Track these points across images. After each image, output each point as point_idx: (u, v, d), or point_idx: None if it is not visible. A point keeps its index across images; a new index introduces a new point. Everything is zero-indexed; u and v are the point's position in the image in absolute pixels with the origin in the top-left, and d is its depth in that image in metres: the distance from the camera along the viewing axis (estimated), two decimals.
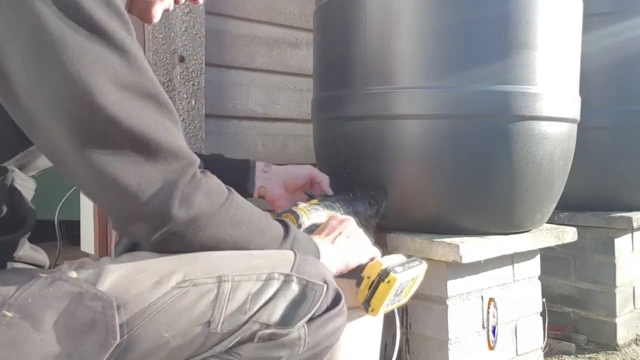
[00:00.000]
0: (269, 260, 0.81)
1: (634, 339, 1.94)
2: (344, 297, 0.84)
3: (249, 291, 0.77)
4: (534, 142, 1.28)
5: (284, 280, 0.79)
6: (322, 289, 0.81)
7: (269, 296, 0.78)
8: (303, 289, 0.79)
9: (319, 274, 0.82)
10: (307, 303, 0.79)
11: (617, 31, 1.86)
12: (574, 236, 1.49)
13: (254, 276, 0.78)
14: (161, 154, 0.72)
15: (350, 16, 1.35)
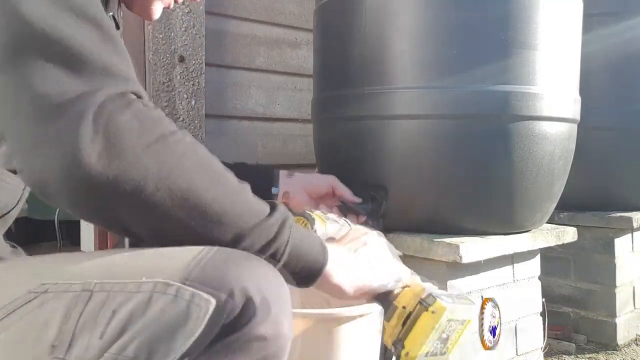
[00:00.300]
0: (160, 261, 0.61)
1: (634, 339, 1.94)
2: (268, 310, 0.59)
3: (112, 307, 0.58)
4: (534, 142, 1.28)
5: (161, 292, 0.58)
6: (208, 305, 0.56)
7: (136, 316, 0.57)
8: (187, 305, 0.56)
9: (224, 279, 0.58)
10: (188, 327, 0.56)
11: (617, 31, 1.86)
12: (574, 236, 1.49)
13: (128, 285, 0.59)
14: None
15: (350, 16, 1.35)
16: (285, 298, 0.62)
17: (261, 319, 0.58)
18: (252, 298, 0.58)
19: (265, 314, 0.58)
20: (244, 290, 0.57)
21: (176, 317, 0.56)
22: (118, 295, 0.58)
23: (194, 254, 0.60)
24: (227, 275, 0.58)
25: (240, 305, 0.57)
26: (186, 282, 0.57)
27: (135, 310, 0.57)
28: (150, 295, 0.57)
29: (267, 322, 0.58)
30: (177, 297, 0.57)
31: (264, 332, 0.58)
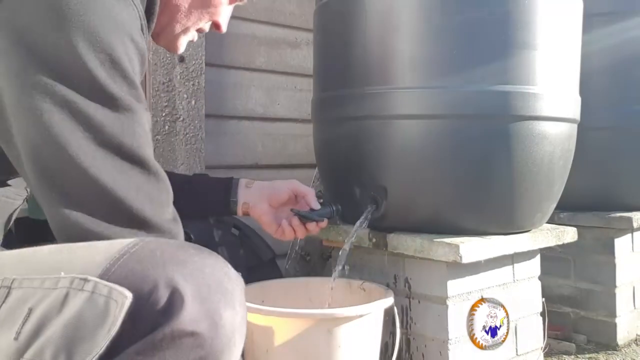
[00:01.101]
0: (81, 255, 0.60)
1: (634, 339, 1.94)
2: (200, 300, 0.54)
3: (28, 305, 0.55)
4: (534, 142, 1.28)
5: (77, 288, 0.55)
6: (124, 300, 0.52)
7: (52, 315, 0.54)
8: (105, 301, 0.53)
9: (148, 272, 0.54)
10: (106, 325, 0.52)
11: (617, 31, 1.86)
12: (574, 236, 1.49)
13: (45, 281, 0.57)
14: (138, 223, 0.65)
15: (350, 16, 1.35)
16: (230, 289, 0.57)
17: (192, 312, 0.53)
18: (179, 289, 0.53)
19: (197, 307, 0.53)
20: (170, 282, 0.54)
21: (93, 315, 0.53)
22: (36, 292, 0.56)
23: (123, 245, 0.58)
24: (152, 267, 0.55)
25: (164, 298, 0.53)
26: (104, 277, 0.54)
27: (51, 309, 0.54)
28: (67, 292, 0.55)
29: (200, 316, 0.53)
30: (93, 294, 0.54)
31: (195, 328, 0.53)
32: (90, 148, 0.62)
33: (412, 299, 1.33)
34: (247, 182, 1.23)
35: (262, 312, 1.07)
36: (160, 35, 0.92)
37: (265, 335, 1.08)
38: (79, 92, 0.62)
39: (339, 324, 1.07)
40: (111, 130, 0.63)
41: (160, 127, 1.68)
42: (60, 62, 0.62)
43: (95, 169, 0.62)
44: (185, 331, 0.52)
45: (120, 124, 0.64)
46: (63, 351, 0.52)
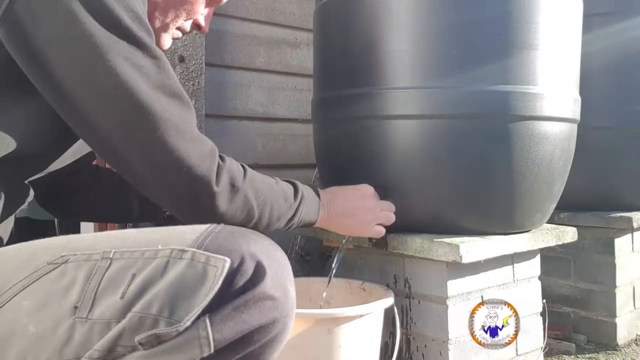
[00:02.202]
0: (171, 234, 0.69)
1: (634, 339, 1.94)
2: (276, 274, 0.66)
3: (132, 271, 0.64)
4: (534, 142, 1.28)
5: (177, 257, 0.64)
6: (224, 264, 0.63)
7: (155, 278, 0.63)
8: (203, 267, 0.63)
9: (234, 247, 0.65)
10: (206, 286, 0.62)
11: (617, 31, 1.86)
12: (574, 236, 1.49)
13: (145, 252, 0.65)
14: (194, 139, 0.80)
15: (350, 16, 1.35)
16: (288, 269, 0.70)
17: (271, 281, 0.64)
18: (262, 263, 0.65)
19: (274, 277, 0.65)
20: (254, 256, 0.65)
21: (194, 277, 0.62)
22: (137, 261, 0.65)
23: (204, 228, 0.68)
24: (236, 244, 0.66)
25: (252, 268, 0.64)
26: (200, 249, 0.64)
27: (154, 274, 0.63)
28: (168, 260, 0.64)
29: (276, 285, 0.65)
30: (192, 261, 0.63)
31: (274, 293, 0.64)
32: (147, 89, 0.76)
33: (412, 299, 1.33)
34: None
35: None
36: None
37: None
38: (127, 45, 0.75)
39: (339, 324, 1.07)
40: (156, 75, 0.77)
41: None
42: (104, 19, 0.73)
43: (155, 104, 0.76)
44: (267, 294, 0.64)
45: (159, 68, 0.78)
46: (167, 306, 0.61)
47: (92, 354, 0.62)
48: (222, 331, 0.61)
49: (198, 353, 0.60)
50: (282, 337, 0.68)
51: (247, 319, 0.62)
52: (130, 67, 0.74)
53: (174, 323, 0.60)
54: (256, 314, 0.63)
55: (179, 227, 0.72)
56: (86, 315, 0.63)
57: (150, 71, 0.77)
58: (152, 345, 0.61)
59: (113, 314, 0.62)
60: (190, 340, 0.60)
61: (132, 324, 0.61)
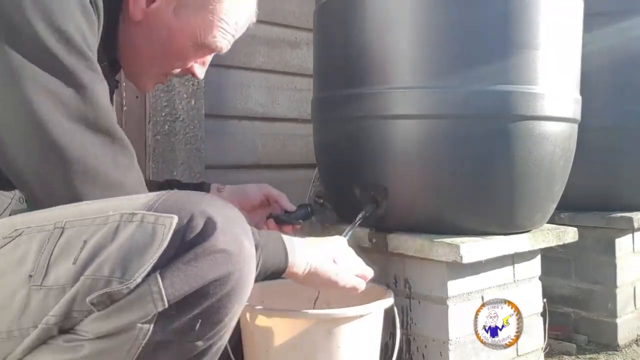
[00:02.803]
0: (123, 201, 0.70)
1: (634, 340, 1.93)
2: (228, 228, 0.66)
3: (83, 238, 0.65)
4: (534, 142, 1.28)
5: (127, 221, 0.65)
6: (171, 221, 0.64)
7: (106, 242, 0.64)
8: (153, 227, 0.64)
9: (185, 206, 0.66)
10: (155, 244, 0.63)
11: (617, 31, 1.86)
12: (574, 236, 1.49)
13: (96, 219, 0.66)
14: (107, 186, 0.74)
15: (349, 16, 1.35)
16: (244, 225, 0.70)
17: (222, 235, 0.65)
18: (212, 218, 0.65)
19: (226, 232, 0.65)
20: (204, 213, 0.65)
21: (143, 237, 0.63)
22: (88, 228, 0.66)
23: (156, 193, 0.69)
24: (187, 203, 0.66)
25: (202, 224, 0.64)
26: (149, 211, 0.65)
27: (105, 238, 0.64)
28: (118, 224, 0.65)
29: (228, 239, 0.65)
30: (142, 222, 0.64)
31: (226, 247, 0.65)
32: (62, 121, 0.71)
33: (412, 299, 1.32)
34: (219, 187, 1.22)
35: (262, 312, 1.07)
36: (126, 72, 0.97)
37: (265, 335, 1.08)
38: (47, 71, 0.70)
39: (339, 324, 1.07)
40: (78, 106, 0.72)
41: (160, 127, 1.67)
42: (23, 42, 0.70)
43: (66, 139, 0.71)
44: (218, 248, 0.64)
45: (84, 99, 0.72)
46: (119, 267, 0.62)
47: (48, 319, 0.63)
48: (174, 285, 0.62)
49: (152, 308, 0.62)
50: (241, 291, 0.67)
51: (199, 273, 0.63)
52: (45, 96, 0.70)
53: (125, 282, 0.61)
54: (209, 267, 0.63)
55: (130, 195, 0.72)
56: (40, 283, 0.64)
57: (70, 101, 0.71)
58: (105, 306, 0.62)
59: (67, 280, 0.63)
60: (142, 296, 0.61)
61: (84, 287, 0.62)
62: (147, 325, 0.62)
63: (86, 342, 0.63)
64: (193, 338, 0.65)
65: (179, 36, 0.90)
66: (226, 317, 0.67)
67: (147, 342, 0.63)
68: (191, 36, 0.91)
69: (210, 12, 0.90)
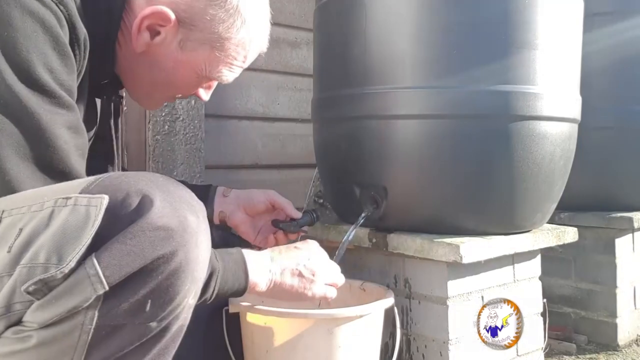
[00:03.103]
0: (61, 186, 0.69)
1: (634, 340, 1.94)
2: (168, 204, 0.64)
3: (19, 226, 0.64)
4: (534, 142, 1.28)
5: (62, 205, 0.64)
6: (102, 200, 0.62)
7: (41, 228, 0.63)
8: (86, 209, 0.63)
9: (120, 186, 0.64)
10: (88, 227, 0.62)
11: (617, 31, 1.86)
12: (574, 236, 1.49)
13: (32, 206, 0.65)
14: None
15: (350, 16, 1.35)
16: (189, 200, 0.68)
17: (160, 211, 0.63)
18: (149, 195, 0.63)
19: (164, 207, 0.63)
20: (140, 191, 0.64)
21: (77, 220, 0.62)
22: (24, 216, 0.65)
23: (94, 177, 0.67)
24: (122, 183, 0.65)
25: (137, 201, 0.63)
26: (84, 193, 0.64)
27: (40, 224, 0.63)
28: (52, 210, 0.64)
29: (168, 214, 0.63)
30: (75, 205, 0.63)
31: (166, 223, 0.63)
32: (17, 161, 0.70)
33: (412, 299, 1.32)
34: (225, 190, 1.21)
35: (262, 312, 1.07)
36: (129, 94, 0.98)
37: (265, 336, 1.08)
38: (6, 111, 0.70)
39: (339, 324, 1.07)
40: (32, 146, 0.71)
41: (160, 127, 1.67)
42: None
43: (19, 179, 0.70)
44: (156, 225, 0.62)
45: (39, 141, 0.71)
46: (54, 252, 0.61)
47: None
48: (112, 267, 0.60)
49: (92, 292, 0.60)
50: (189, 267, 0.65)
51: (138, 252, 0.61)
52: (3, 135, 0.70)
53: (60, 267, 0.60)
54: (149, 245, 0.62)
55: (70, 181, 0.71)
56: None
57: (26, 143, 0.71)
58: (43, 294, 0.61)
59: (3, 269, 0.63)
60: (80, 281, 0.60)
61: (22, 276, 0.61)
62: (92, 311, 0.61)
63: (33, 332, 0.62)
64: (145, 319, 0.64)
65: (184, 68, 0.89)
66: (178, 296, 0.65)
67: (96, 327, 0.62)
68: (196, 69, 0.90)
69: (218, 49, 0.89)
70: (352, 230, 1.28)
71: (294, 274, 0.94)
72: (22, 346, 0.62)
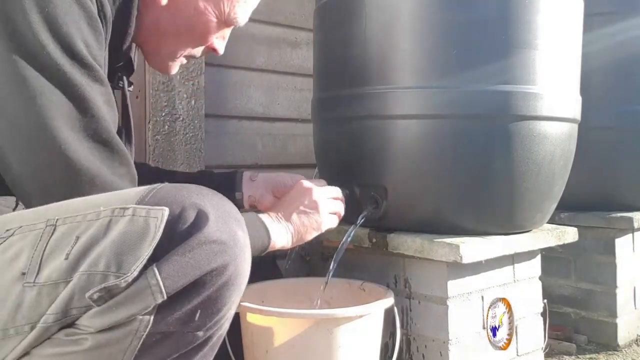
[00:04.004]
0: (114, 195, 0.71)
1: (634, 340, 1.94)
2: (221, 219, 0.67)
3: (75, 234, 0.66)
4: (534, 142, 1.28)
5: (119, 215, 0.66)
6: (162, 213, 0.64)
7: (99, 237, 0.65)
8: (145, 220, 0.65)
9: (176, 199, 0.67)
10: (148, 237, 0.64)
11: (617, 31, 1.86)
12: (574, 236, 1.49)
13: (88, 215, 0.67)
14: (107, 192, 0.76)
15: (350, 16, 1.35)
16: (237, 216, 0.71)
17: (215, 225, 0.66)
18: (204, 210, 0.66)
19: (218, 222, 0.66)
20: (195, 205, 0.66)
21: (136, 231, 0.64)
22: (80, 224, 0.66)
23: (147, 187, 0.70)
24: (177, 196, 0.67)
25: (193, 215, 0.65)
26: (140, 204, 0.66)
27: (98, 233, 0.65)
28: (110, 219, 0.66)
29: (222, 229, 0.66)
30: (134, 216, 0.65)
31: (220, 237, 0.66)
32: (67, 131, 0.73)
33: (412, 299, 1.32)
34: (252, 174, 1.22)
35: (262, 312, 1.07)
36: (150, 59, 1.01)
37: (265, 336, 1.08)
38: (52, 83, 0.72)
39: (339, 324, 1.07)
40: (79, 116, 0.74)
41: (160, 127, 1.67)
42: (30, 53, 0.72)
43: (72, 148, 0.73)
44: (212, 238, 0.65)
45: (85, 111, 0.74)
46: (114, 262, 0.62)
47: (46, 318, 0.64)
48: (171, 277, 0.63)
49: (152, 301, 0.62)
50: (238, 281, 0.68)
51: (195, 264, 0.64)
52: (51, 106, 0.72)
53: (121, 276, 0.62)
54: (205, 258, 0.64)
55: (122, 190, 0.74)
56: (34, 280, 0.65)
57: (73, 113, 0.74)
58: (104, 300, 0.63)
59: (60, 275, 0.64)
60: (141, 290, 0.62)
61: (81, 283, 0.63)
62: (147, 317, 0.63)
63: (88, 336, 0.64)
64: (193, 328, 0.66)
65: (205, 14, 0.95)
66: (224, 307, 0.68)
67: (149, 334, 0.64)
68: (217, 12, 0.96)
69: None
70: (352, 230, 1.28)
71: (303, 216, 1.03)
72: (75, 348, 0.64)
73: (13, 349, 0.65)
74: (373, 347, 1.16)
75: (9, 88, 0.72)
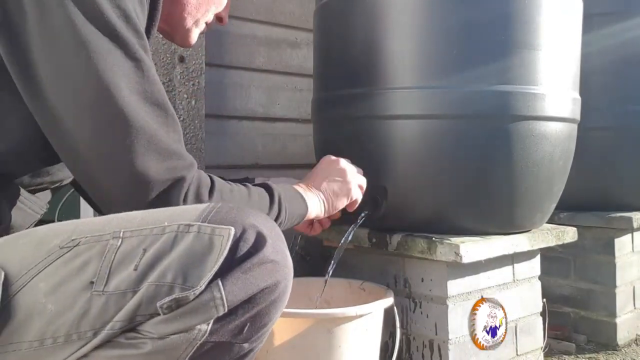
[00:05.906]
0: (175, 212, 0.74)
1: (634, 339, 1.94)
2: (275, 241, 0.73)
3: (142, 247, 0.70)
4: (534, 142, 1.28)
5: (184, 231, 0.70)
6: (229, 232, 0.69)
7: (166, 251, 0.69)
8: (210, 237, 0.69)
9: (236, 219, 0.71)
10: (214, 254, 0.68)
11: (617, 31, 1.86)
12: (574, 236, 1.49)
13: (153, 229, 0.71)
14: (168, 154, 0.80)
15: (350, 16, 1.35)
16: (284, 238, 0.76)
17: (271, 247, 0.71)
18: (262, 232, 0.71)
19: (274, 244, 0.72)
20: (254, 226, 0.71)
21: (202, 247, 0.68)
22: (146, 238, 0.70)
23: (205, 206, 0.74)
24: (237, 216, 0.72)
25: (254, 236, 0.70)
26: (205, 222, 0.70)
27: (164, 247, 0.69)
28: (176, 234, 0.70)
29: (276, 250, 0.72)
30: (199, 233, 0.69)
31: (275, 258, 0.71)
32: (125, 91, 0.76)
33: (412, 299, 1.33)
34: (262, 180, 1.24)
35: None
36: (173, 31, 1.02)
37: None
38: (110, 44, 0.75)
39: (339, 324, 1.07)
40: (137, 79, 0.77)
41: None
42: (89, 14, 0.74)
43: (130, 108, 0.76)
44: (269, 259, 0.70)
45: (141, 73, 0.77)
46: (180, 274, 0.67)
47: (113, 325, 0.67)
48: (233, 292, 0.67)
49: (214, 313, 0.67)
50: (284, 298, 0.73)
51: (254, 281, 0.68)
52: (110, 66, 0.74)
53: (188, 288, 0.66)
54: (262, 276, 0.69)
55: (180, 207, 0.78)
56: (102, 289, 0.68)
57: (130, 74, 0.76)
58: (171, 310, 0.67)
59: (128, 285, 0.67)
60: (206, 302, 0.66)
61: (149, 293, 0.67)
62: (205, 327, 0.67)
63: (149, 341, 0.67)
64: (241, 340, 0.71)
65: None
66: (270, 322, 0.73)
67: (202, 342, 0.68)
68: None
69: None
70: (352, 230, 1.28)
71: (330, 182, 1.10)
72: (135, 352, 0.67)
73: (72, 353, 0.68)
74: (373, 346, 1.16)
75: (71, 50, 0.73)
